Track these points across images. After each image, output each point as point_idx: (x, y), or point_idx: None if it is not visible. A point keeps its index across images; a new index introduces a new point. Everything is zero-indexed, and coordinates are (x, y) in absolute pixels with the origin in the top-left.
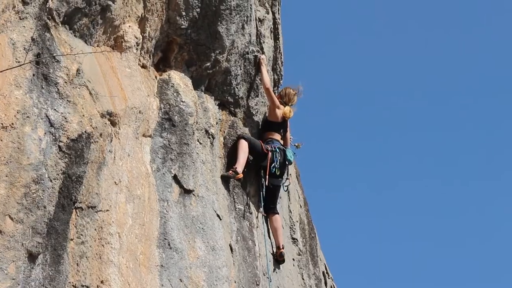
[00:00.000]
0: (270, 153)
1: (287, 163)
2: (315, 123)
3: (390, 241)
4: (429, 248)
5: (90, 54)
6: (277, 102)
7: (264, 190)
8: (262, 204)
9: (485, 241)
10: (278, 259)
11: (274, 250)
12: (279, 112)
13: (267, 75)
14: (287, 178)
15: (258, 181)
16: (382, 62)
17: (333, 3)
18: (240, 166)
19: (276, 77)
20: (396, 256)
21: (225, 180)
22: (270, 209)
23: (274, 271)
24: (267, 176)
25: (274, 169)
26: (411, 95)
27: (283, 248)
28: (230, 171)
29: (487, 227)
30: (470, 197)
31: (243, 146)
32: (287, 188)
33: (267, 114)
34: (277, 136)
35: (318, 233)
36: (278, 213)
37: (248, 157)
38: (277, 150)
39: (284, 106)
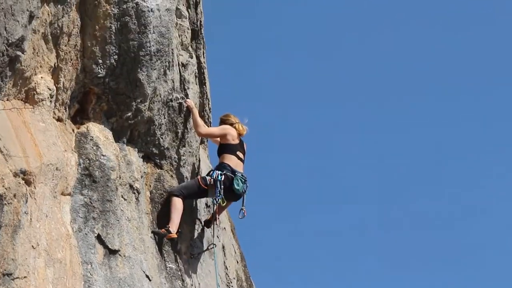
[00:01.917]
0: (213, 185)
1: (235, 191)
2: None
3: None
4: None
5: None
6: (222, 131)
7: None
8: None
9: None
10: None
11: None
12: (230, 134)
13: (199, 119)
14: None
15: (189, 238)
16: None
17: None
18: (174, 226)
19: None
20: None
21: (156, 237)
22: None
23: None
24: (217, 216)
25: (217, 201)
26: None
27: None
28: (163, 229)
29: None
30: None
31: (176, 205)
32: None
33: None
34: (232, 160)
35: None
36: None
37: (182, 215)
38: (219, 178)
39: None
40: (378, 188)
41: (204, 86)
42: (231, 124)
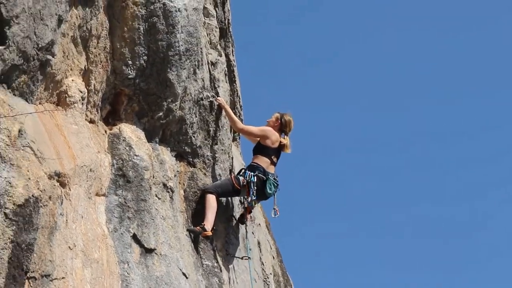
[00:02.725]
0: (246, 186)
1: (267, 195)
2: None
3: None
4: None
5: (32, 113)
6: (262, 133)
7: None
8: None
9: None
10: (241, 218)
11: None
12: (272, 139)
13: (233, 115)
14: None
15: (224, 235)
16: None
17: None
18: (209, 223)
19: None
20: None
21: (191, 235)
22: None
23: None
24: (247, 216)
25: (252, 203)
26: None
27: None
28: (198, 227)
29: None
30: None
31: (211, 202)
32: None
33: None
34: (264, 161)
35: (295, 283)
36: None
37: (217, 212)
38: (253, 179)
39: (280, 134)
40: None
41: (234, 84)
42: (283, 131)
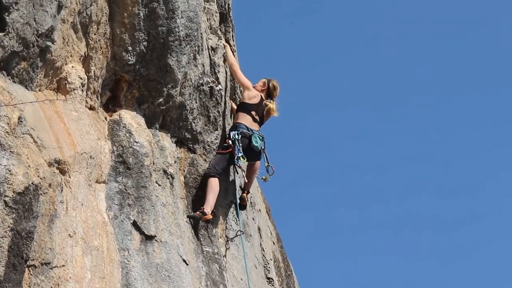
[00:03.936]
0: (232, 145)
1: (254, 149)
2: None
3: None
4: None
5: (32, 99)
6: (246, 82)
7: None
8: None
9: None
10: (241, 203)
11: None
12: (250, 94)
13: (232, 56)
14: (268, 165)
15: (225, 221)
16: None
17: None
18: (209, 206)
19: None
20: None
21: (192, 221)
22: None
23: None
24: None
25: (238, 160)
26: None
27: (247, 193)
28: (198, 212)
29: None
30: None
31: (213, 185)
32: (268, 174)
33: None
34: (246, 119)
35: (295, 269)
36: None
37: (218, 196)
38: (237, 137)
39: (267, 98)
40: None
41: None
42: (270, 96)
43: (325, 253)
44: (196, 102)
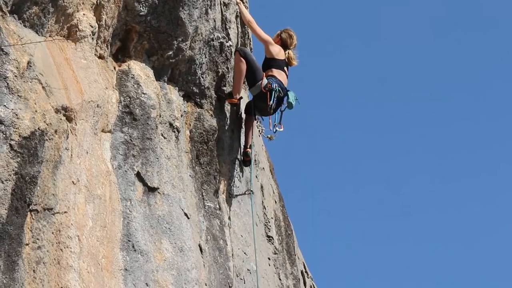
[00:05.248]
0: (268, 92)
1: (287, 107)
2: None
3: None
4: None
5: (42, 45)
6: (266, 38)
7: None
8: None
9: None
10: (244, 159)
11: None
12: (275, 49)
13: (248, 13)
14: (278, 123)
15: (228, 176)
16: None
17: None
18: (236, 90)
19: None
20: (379, 255)
21: (219, 99)
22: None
23: (247, 271)
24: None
25: (271, 108)
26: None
27: (250, 148)
28: (226, 93)
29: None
30: (465, 195)
31: (241, 66)
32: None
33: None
34: (280, 74)
35: (295, 229)
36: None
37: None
38: (277, 89)
39: (285, 50)
40: None
41: (246, 27)
42: (285, 46)
43: (325, 211)
44: (206, 57)
